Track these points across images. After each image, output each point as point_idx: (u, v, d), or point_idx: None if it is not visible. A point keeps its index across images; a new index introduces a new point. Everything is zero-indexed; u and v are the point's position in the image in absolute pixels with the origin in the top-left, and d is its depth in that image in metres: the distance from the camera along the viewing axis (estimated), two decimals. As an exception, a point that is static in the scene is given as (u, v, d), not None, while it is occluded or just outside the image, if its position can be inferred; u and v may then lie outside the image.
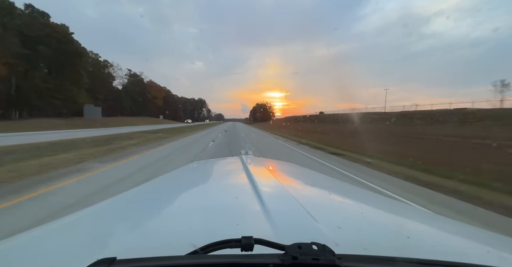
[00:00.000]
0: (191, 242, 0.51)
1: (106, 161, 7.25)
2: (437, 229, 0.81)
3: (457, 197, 4.53)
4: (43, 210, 3.41)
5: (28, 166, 6.04)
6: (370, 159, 8.42)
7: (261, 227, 0.64)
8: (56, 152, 8.46)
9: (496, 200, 4.28)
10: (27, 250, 0.58)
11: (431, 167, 6.98)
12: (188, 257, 0.43)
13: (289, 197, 0.85)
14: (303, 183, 1.43)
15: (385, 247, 0.61)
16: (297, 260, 0.40)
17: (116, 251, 0.52)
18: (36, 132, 19.42)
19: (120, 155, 8.62)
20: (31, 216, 3.22)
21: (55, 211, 3.33)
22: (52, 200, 3.89)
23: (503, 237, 0.74)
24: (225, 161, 1.98)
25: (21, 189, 4.37)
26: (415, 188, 5.21)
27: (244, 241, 0.43)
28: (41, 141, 12.19)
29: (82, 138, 14.74)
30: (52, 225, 0.72)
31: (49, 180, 4.96)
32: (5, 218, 3.17)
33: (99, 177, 5.45)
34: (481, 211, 3.91)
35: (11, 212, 3.36)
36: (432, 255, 0.47)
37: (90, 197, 3.93)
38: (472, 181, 5.40)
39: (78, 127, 26.81)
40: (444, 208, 4.00)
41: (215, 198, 0.98)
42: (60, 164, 6.47)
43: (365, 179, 5.76)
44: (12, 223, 3.01)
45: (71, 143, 11.78)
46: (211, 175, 1.55)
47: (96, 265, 0.39)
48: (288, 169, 1.88)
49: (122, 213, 0.86)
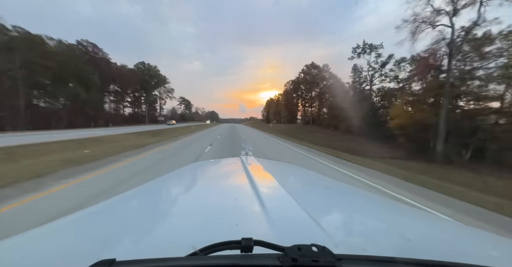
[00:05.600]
0: (190, 243, 0.51)
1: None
2: (437, 230, 0.81)
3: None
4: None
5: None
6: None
7: (261, 229, 0.64)
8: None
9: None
10: (27, 250, 0.58)
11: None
12: (188, 258, 0.43)
13: (289, 198, 0.85)
14: (303, 184, 1.43)
15: (384, 248, 0.61)
16: (296, 262, 0.40)
17: (116, 252, 0.53)
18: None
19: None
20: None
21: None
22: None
23: (502, 238, 0.74)
24: (225, 162, 1.97)
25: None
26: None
27: (244, 242, 0.43)
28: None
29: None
30: (52, 226, 0.72)
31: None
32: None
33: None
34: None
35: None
36: (432, 256, 0.46)
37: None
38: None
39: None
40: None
41: (215, 199, 0.98)
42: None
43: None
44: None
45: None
46: (211, 175, 1.55)
47: (96, 266, 0.39)
48: (288, 170, 1.87)
49: (122, 214, 0.86)
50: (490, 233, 0.79)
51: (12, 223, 3.06)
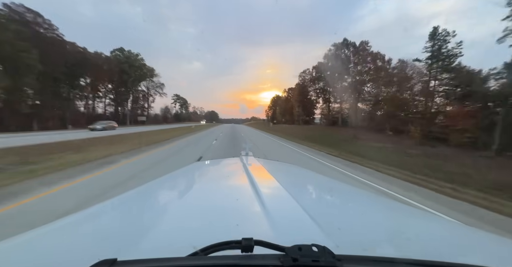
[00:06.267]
0: (191, 243, 0.51)
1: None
2: (437, 230, 0.81)
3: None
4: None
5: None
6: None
7: (261, 229, 0.64)
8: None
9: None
10: (28, 250, 0.58)
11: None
12: (189, 258, 0.43)
13: (289, 198, 0.85)
14: (303, 184, 1.43)
15: (385, 248, 0.61)
16: (297, 261, 0.40)
17: (117, 252, 0.52)
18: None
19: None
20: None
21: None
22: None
23: (502, 238, 0.74)
24: (225, 162, 1.97)
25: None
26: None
27: (244, 242, 0.43)
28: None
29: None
30: (53, 226, 0.72)
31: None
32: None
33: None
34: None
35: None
36: (432, 256, 0.47)
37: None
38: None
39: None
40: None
41: (216, 199, 0.98)
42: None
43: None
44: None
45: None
46: (212, 176, 1.55)
47: (97, 266, 0.39)
48: (288, 170, 1.87)
49: (123, 214, 0.86)
50: (490, 233, 0.79)
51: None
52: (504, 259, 0.61)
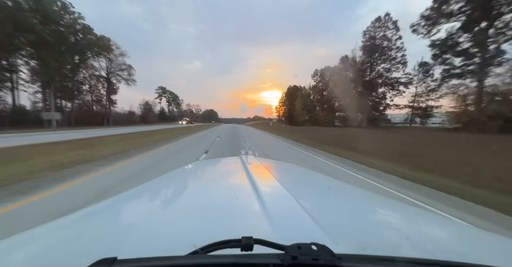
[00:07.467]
0: (191, 242, 0.51)
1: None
2: (436, 229, 0.81)
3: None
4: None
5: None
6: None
7: (261, 227, 0.64)
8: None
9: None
10: (27, 250, 0.58)
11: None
12: (189, 257, 0.43)
13: (289, 197, 0.85)
14: (303, 183, 1.43)
15: (384, 247, 0.61)
16: (296, 260, 0.40)
17: (117, 251, 0.52)
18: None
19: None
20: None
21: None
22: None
23: (503, 237, 0.74)
24: (225, 161, 1.98)
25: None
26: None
27: (244, 241, 0.43)
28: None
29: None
30: (53, 225, 0.72)
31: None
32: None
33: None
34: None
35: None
36: (431, 255, 0.47)
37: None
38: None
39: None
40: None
41: (215, 198, 0.98)
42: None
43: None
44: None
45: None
46: (211, 174, 1.56)
47: (97, 265, 0.39)
48: (288, 169, 1.88)
49: (122, 213, 0.86)
50: (490, 232, 0.79)
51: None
52: (505, 259, 0.61)
